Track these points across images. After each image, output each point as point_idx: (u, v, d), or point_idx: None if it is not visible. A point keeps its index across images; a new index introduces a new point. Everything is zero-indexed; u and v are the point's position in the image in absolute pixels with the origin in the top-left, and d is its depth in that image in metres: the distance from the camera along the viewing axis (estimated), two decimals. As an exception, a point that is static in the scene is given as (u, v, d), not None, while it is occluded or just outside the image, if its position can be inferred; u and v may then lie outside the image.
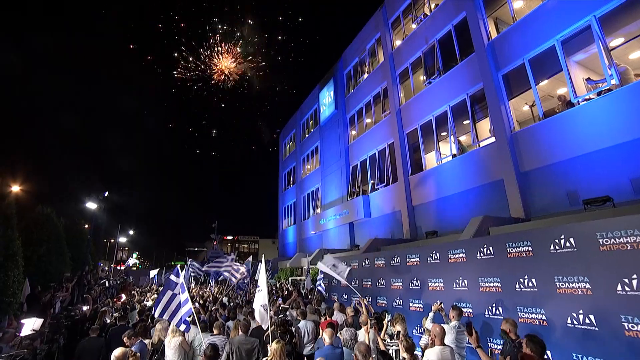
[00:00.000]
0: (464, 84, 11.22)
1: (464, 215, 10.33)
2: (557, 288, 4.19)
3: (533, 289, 4.52)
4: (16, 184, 20.04)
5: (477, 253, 5.58)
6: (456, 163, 11.28)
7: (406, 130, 13.93)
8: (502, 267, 5.11)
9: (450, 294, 5.98)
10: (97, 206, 12.75)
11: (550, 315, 4.24)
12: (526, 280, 4.63)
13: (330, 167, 19.83)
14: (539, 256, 4.55)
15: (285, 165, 28.34)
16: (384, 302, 7.78)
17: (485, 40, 10.49)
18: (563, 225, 4.39)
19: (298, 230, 23.78)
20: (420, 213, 12.70)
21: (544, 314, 4.31)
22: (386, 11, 15.95)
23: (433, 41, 12.75)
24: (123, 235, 39.06)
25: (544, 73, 8.94)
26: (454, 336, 4.56)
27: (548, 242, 4.45)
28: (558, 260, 4.27)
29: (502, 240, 5.23)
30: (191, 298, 10.93)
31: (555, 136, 8.29)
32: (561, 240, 4.26)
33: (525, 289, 4.64)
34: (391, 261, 7.82)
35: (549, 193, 8.32)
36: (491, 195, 9.88)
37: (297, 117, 26.50)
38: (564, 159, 8.04)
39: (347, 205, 16.67)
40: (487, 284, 5.30)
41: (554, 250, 4.34)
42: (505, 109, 9.75)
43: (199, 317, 7.51)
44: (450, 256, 6.15)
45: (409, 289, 7.10)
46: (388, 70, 15.18)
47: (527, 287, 4.60)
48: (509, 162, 9.29)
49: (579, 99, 7.84)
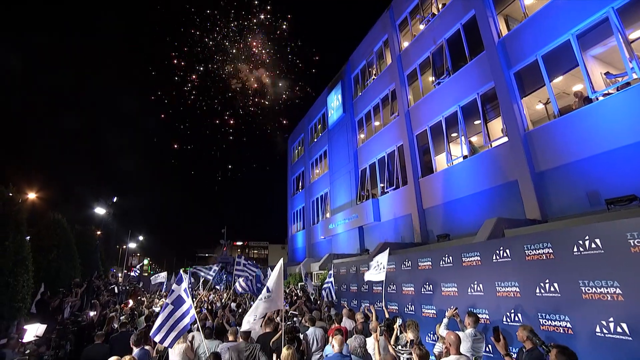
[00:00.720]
0: (474, 83, 10.94)
1: (477, 218, 9.98)
2: (583, 293, 3.88)
3: (555, 294, 4.21)
4: (32, 191, 20.55)
5: (493, 256, 5.28)
6: (467, 164, 10.95)
7: (415, 132, 13.67)
8: (520, 271, 4.81)
9: (465, 299, 5.68)
10: (105, 211, 12.85)
11: (576, 323, 3.93)
12: (547, 285, 4.33)
13: (339, 171, 19.64)
14: (561, 259, 4.25)
15: (294, 170, 28.28)
16: (395, 308, 7.49)
17: (495, 38, 10.23)
18: (587, 225, 4.07)
19: (307, 235, 23.57)
20: (431, 216, 12.36)
21: (568, 322, 3.99)
22: (393, 13, 15.83)
23: (441, 41, 12.53)
24: (134, 241, 39.58)
25: (558, 69, 8.61)
26: (470, 344, 4.28)
27: (570, 244, 4.14)
28: (583, 263, 3.96)
29: (519, 242, 4.93)
30: (199, 303, 10.84)
31: (572, 134, 7.93)
32: (585, 241, 3.95)
33: (546, 293, 4.33)
34: (402, 265, 7.54)
35: (567, 193, 7.94)
36: (505, 197, 9.52)
37: (305, 121, 26.48)
38: (582, 157, 7.67)
39: (357, 209, 16.42)
40: (505, 288, 5.00)
41: (577, 252, 4.03)
42: (518, 108, 9.43)
43: (205, 323, 7.38)
44: (464, 259, 5.86)
45: (421, 294, 6.81)
46: (396, 72, 15.00)
47: (549, 292, 4.29)
48: (523, 162, 8.94)
49: (598, 95, 7.49)
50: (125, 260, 20.99)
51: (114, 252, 34.65)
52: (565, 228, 4.41)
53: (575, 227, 4.26)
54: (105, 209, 12.77)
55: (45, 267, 11.14)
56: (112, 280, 14.46)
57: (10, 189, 9.06)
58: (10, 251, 8.20)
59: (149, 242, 58.04)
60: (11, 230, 8.46)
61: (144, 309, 10.87)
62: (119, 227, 36.88)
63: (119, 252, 31.31)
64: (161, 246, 68.19)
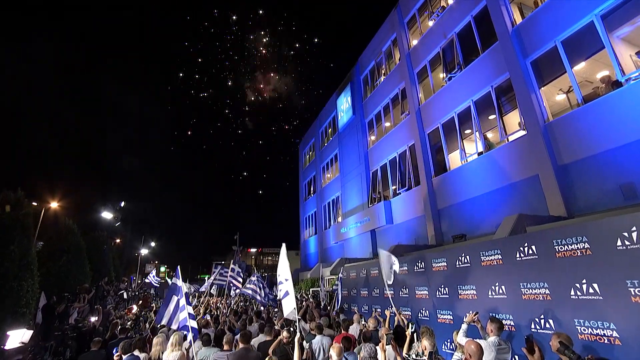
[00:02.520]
0: (488, 76, 10.38)
1: (495, 217, 9.33)
2: (632, 295, 3.30)
3: (595, 296, 3.63)
4: (54, 201, 20.92)
5: (516, 253, 4.73)
6: (483, 161, 10.33)
7: (427, 131, 13.13)
8: (549, 270, 4.24)
9: (485, 303, 5.12)
10: (112, 215, 12.82)
11: (624, 331, 3.34)
12: (584, 286, 3.76)
13: (350, 174, 19.19)
14: (600, 255, 3.68)
15: (306, 175, 28.00)
16: (408, 313, 6.94)
17: (509, 27, 9.69)
18: (634, 213, 3.48)
19: (319, 240, 23.10)
20: (446, 217, 11.72)
21: (614, 330, 3.40)
22: (401, 11, 15.48)
23: (452, 35, 12.06)
24: (148, 248, 40.03)
25: (580, 54, 7.99)
26: (494, 355, 3.73)
27: (613, 237, 3.58)
28: (629, 260, 3.39)
29: (547, 238, 4.37)
30: (206, 309, 10.54)
31: (599, 122, 7.27)
32: (632, 233, 3.38)
33: (584, 296, 3.75)
34: (415, 267, 7.01)
35: (596, 187, 7.25)
36: (525, 194, 8.85)
37: (316, 125, 26.26)
38: (612, 147, 7.00)
39: (368, 212, 15.89)
40: (532, 290, 4.43)
41: (622, 246, 3.47)
42: (536, 98, 8.82)
43: (207, 329, 7.04)
44: (482, 258, 5.31)
45: (436, 298, 6.26)
46: (405, 70, 14.56)
47: (587, 294, 3.72)
48: (544, 155, 8.29)
49: (629, 77, 6.84)
50: (139, 267, 20.98)
51: (133, 259, 35.06)
52: (606, 218, 3.82)
53: (618, 216, 3.68)
54: (112, 214, 12.74)
55: (55, 272, 11.16)
56: (123, 285, 14.38)
57: (19, 193, 9.08)
58: (15, 255, 8.14)
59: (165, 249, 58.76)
60: (17, 234, 8.42)
61: (152, 315, 10.65)
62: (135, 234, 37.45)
63: (138, 259, 31.65)
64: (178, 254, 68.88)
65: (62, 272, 11.15)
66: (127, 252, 31.92)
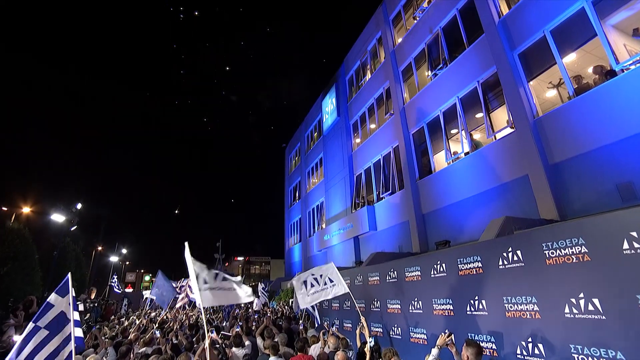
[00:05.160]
0: (474, 71, 9.72)
1: (482, 222, 8.51)
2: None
3: (596, 314, 2.78)
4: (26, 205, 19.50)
5: (499, 260, 3.87)
6: (469, 161, 9.57)
7: (412, 131, 12.40)
8: (539, 280, 3.39)
9: (463, 321, 4.23)
10: (65, 218, 11.64)
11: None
12: (582, 301, 2.90)
13: (334, 179, 18.34)
14: (602, 261, 2.84)
15: (291, 180, 27.09)
16: (380, 330, 6.00)
17: (495, 18, 9.07)
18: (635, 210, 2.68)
19: (304, 248, 22.05)
20: (431, 222, 10.88)
21: (622, 357, 2.54)
22: (386, 8, 14.94)
23: (437, 30, 11.45)
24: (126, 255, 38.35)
25: (570, 44, 7.35)
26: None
27: (617, 239, 2.75)
28: (638, 266, 2.55)
29: (535, 240, 3.53)
30: (162, 324, 9.41)
31: (594, 116, 6.56)
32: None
33: (581, 314, 2.90)
34: (387, 277, 6.11)
35: (591, 187, 6.49)
36: (514, 196, 8.08)
37: (302, 129, 25.49)
38: (607, 142, 6.27)
39: (351, 218, 15.00)
40: (517, 306, 3.57)
41: (630, 250, 2.64)
42: (524, 92, 8.13)
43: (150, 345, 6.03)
44: (460, 267, 4.44)
45: (409, 313, 5.35)
46: (390, 69, 13.91)
47: (586, 312, 2.86)
48: (534, 153, 7.55)
49: (624, 65, 6.16)
50: (111, 275, 19.53)
51: (106, 267, 33.45)
52: (609, 214, 3.00)
53: (627, 210, 2.85)
54: (66, 216, 11.54)
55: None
56: (83, 296, 13.12)
57: None
58: None
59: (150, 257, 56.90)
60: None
61: (107, 330, 9.44)
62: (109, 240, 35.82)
63: (111, 267, 30.06)
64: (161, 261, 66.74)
65: (5, 281, 9.96)
66: (103, 260, 30.37)
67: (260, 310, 13.14)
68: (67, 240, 14.42)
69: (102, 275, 33.62)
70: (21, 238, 11.07)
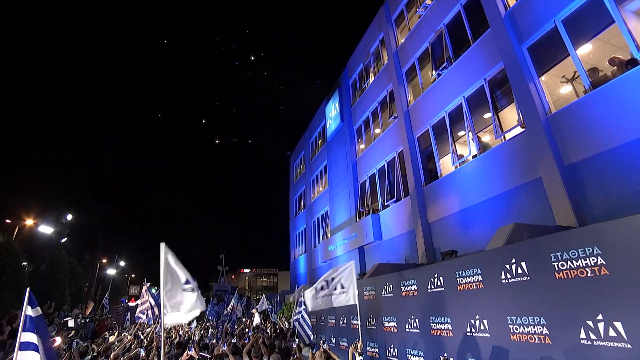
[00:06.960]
0: (480, 68, 9.15)
1: (492, 229, 7.79)
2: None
3: (620, 342, 2.16)
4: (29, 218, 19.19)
5: (501, 273, 3.28)
6: (478, 164, 8.91)
7: (416, 134, 11.82)
8: (546, 297, 2.78)
9: (463, 342, 3.62)
10: (53, 230, 11.45)
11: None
12: (601, 325, 2.29)
13: (338, 186, 17.81)
14: (623, 276, 2.23)
15: (296, 189, 26.67)
16: (375, 351, 5.38)
17: (502, 11, 8.53)
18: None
19: (309, 259, 21.41)
20: (438, 231, 10.18)
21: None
22: (388, 9, 14.60)
23: (440, 27, 10.96)
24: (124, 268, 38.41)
25: (585, 33, 6.71)
26: None
27: (636, 246, 2.15)
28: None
29: (542, 250, 2.93)
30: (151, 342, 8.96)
31: (614, 110, 5.88)
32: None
33: (599, 341, 2.28)
34: (383, 291, 5.52)
35: (614, 189, 5.76)
36: (527, 200, 7.37)
37: (306, 136, 25.17)
38: (632, 138, 5.56)
39: (356, 228, 14.37)
40: (523, 327, 2.95)
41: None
42: (535, 88, 7.50)
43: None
44: (459, 281, 3.85)
45: (405, 332, 4.74)
46: (393, 71, 13.46)
47: (606, 339, 2.24)
48: (547, 154, 6.86)
49: (646, 51, 5.50)
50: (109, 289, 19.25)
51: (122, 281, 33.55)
52: (630, 217, 2.40)
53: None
54: (54, 228, 11.35)
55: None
56: (76, 311, 12.86)
57: None
58: None
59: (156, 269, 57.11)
60: None
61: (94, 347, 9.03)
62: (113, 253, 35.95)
63: (110, 281, 30.04)
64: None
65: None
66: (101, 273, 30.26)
67: (261, 325, 12.60)
68: (61, 253, 14.29)
69: (105, 289, 33.85)
70: (9, 251, 10.90)
